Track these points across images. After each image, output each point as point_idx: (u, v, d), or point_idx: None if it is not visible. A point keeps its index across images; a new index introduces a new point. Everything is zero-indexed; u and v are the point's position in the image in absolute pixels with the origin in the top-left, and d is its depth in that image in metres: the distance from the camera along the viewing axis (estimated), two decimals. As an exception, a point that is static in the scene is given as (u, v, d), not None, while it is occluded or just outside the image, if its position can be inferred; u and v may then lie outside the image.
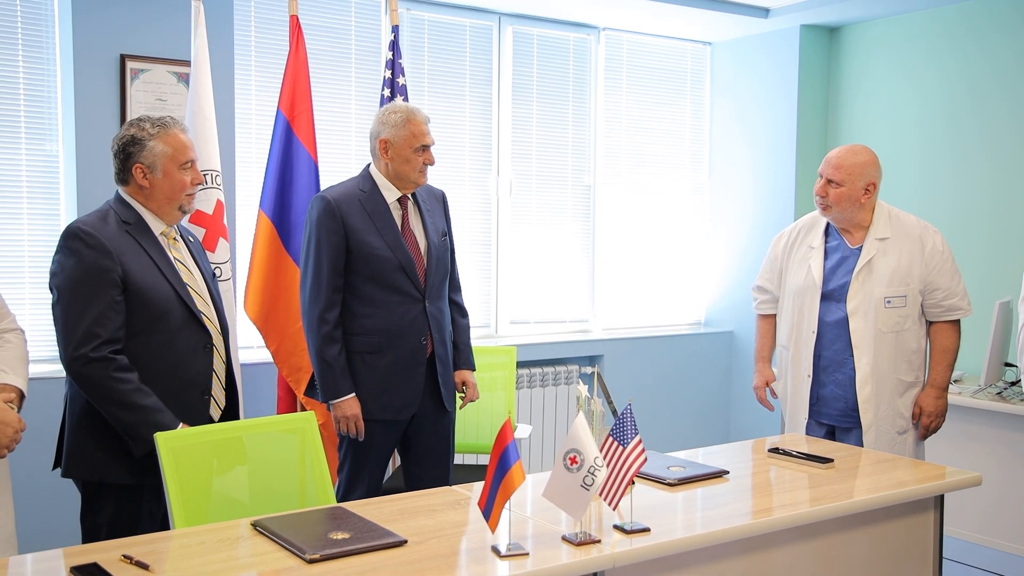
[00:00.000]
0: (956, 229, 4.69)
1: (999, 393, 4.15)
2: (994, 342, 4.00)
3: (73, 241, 2.50)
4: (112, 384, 2.43)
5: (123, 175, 2.62)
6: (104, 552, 1.98)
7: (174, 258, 2.65)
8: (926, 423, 3.31)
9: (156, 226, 2.64)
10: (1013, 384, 4.18)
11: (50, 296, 3.76)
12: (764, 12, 5.15)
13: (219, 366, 2.70)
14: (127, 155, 2.59)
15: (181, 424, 2.48)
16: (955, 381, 4.40)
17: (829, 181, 3.25)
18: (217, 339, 2.69)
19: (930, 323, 3.34)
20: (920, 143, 5.01)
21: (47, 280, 3.76)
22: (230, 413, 2.76)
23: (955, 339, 3.32)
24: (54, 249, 3.76)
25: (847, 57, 5.36)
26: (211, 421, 2.65)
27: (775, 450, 2.92)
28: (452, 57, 4.90)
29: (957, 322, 3.32)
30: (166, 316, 2.56)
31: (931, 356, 3.34)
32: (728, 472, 2.67)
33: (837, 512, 2.44)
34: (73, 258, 2.48)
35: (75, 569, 1.87)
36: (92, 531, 2.56)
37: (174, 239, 2.69)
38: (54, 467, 2.65)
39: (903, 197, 4.70)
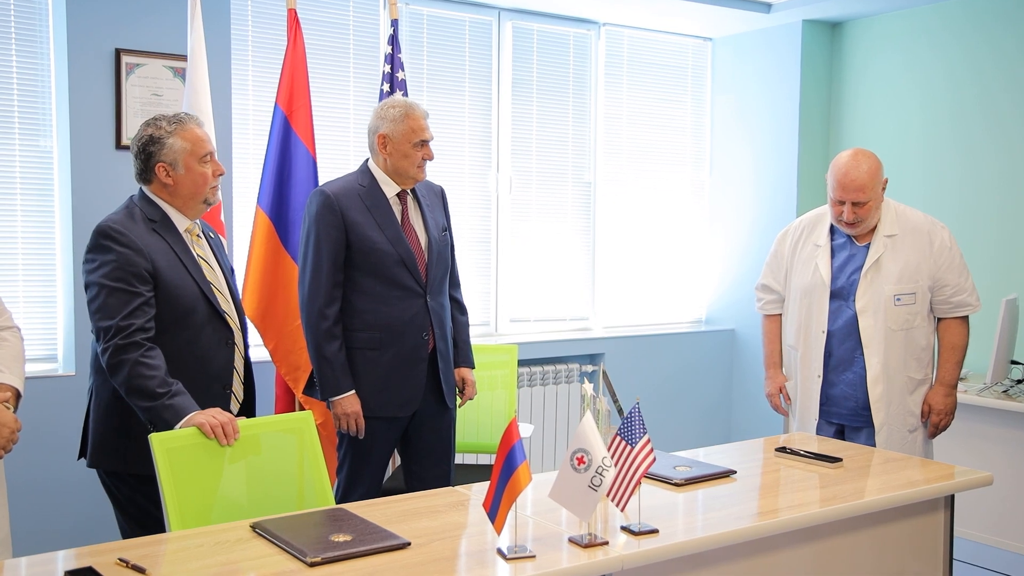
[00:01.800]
0: (962, 226, 4.64)
1: (1005, 391, 4.11)
2: (1000, 340, 3.96)
3: (105, 239, 2.53)
4: (137, 370, 2.44)
5: (146, 174, 2.65)
6: (99, 555, 1.93)
7: (197, 255, 2.68)
8: (935, 421, 3.28)
9: (180, 223, 2.67)
10: (1019, 382, 4.14)
11: (47, 296, 3.81)
12: (766, 7, 5.11)
13: (239, 361, 2.74)
14: (148, 155, 2.63)
15: (196, 410, 2.47)
16: (961, 379, 4.35)
17: (854, 203, 3.17)
18: (237, 335, 2.73)
19: (939, 320, 3.30)
20: (925, 139, 4.97)
21: (44, 278, 3.80)
22: (247, 407, 2.80)
23: (964, 336, 3.28)
24: (48, 246, 3.79)
25: (850, 53, 5.32)
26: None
27: (783, 449, 2.88)
28: (451, 52, 4.85)
29: (966, 318, 3.28)
30: (192, 313, 2.60)
31: (940, 353, 3.30)
32: (735, 472, 2.63)
33: (847, 513, 2.40)
34: (107, 255, 2.52)
35: (70, 573, 1.82)
36: (129, 523, 2.59)
37: (197, 236, 2.73)
38: (79, 457, 2.68)
39: (908, 194, 4.66)
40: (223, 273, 2.77)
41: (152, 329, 2.52)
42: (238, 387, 2.74)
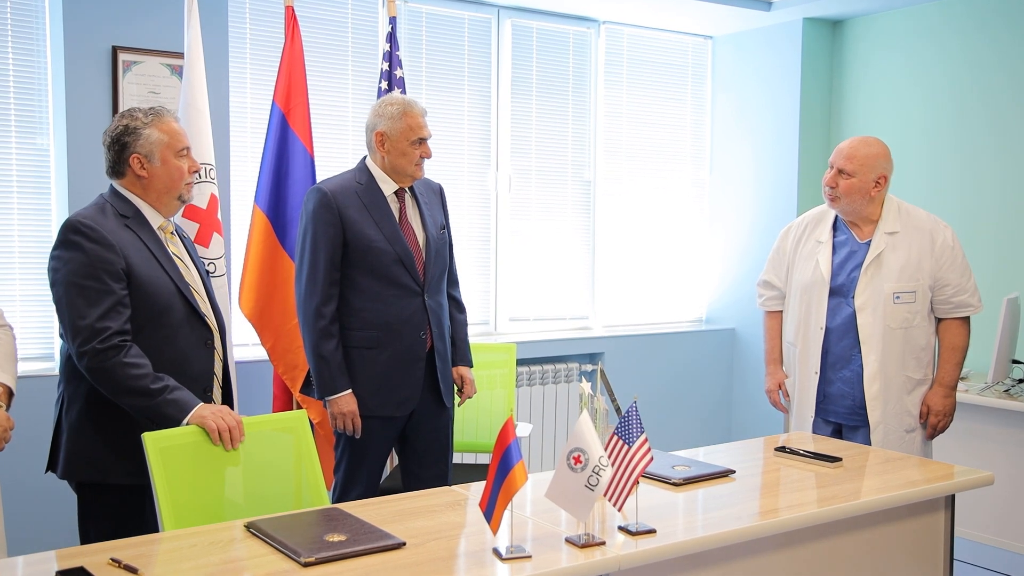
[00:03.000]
0: (963, 224, 4.62)
1: (1007, 391, 4.09)
2: (1002, 338, 3.94)
3: (74, 235, 2.41)
4: (125, 371, 2.36)
5: (118, 167, 2.54)
6: (91, 555, 1.92)
7: (172, 253, 2.59)
8: (933, 422, 3.26)
9: (154, 219, 2.57)
10: (1021, 381, 4.12)
11: (44, 295, 3.79)
12: (766, 5, 5.09)
13: (218, 365, 2.65)
14: (122, 146, 2.52)
15: (200, 403, 2.42)
16: (962, 379, 4.33)
17: (840, 171, 3.19)
18: (216, 337, 2.64)
19: (939, 320, 3.28)
20: (926, 137, 4.95)
21: (41, 276, 3.78)
22: None
23: (964, 336, 3.26)
24: (45, 244, 3.77)
25: (850, 51, 5.30)
26: None
27: (782, 449, 2.86)
28: (450, 50, 4.84)
29: (967, 319, 3.26)
30: (168, 312, 2.50)
31: (940, 354, 3.28)
32: (734, 471, 2.61)
33: (846, 513, 2.38)
34: (75, 252, 2.40)
35: (61, 573, 1.81)
36: (94, 535, 2.48)
37: (171, 233, 2.64)
38: (47, 469, 2.58)
39: (909, 192, 4.63)
40: (199, 272, 2.68)
41: (130, 332, 2.42)
42: (217, 391, 2.65)
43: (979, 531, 4.10)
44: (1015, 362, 4.15)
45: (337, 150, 4.44)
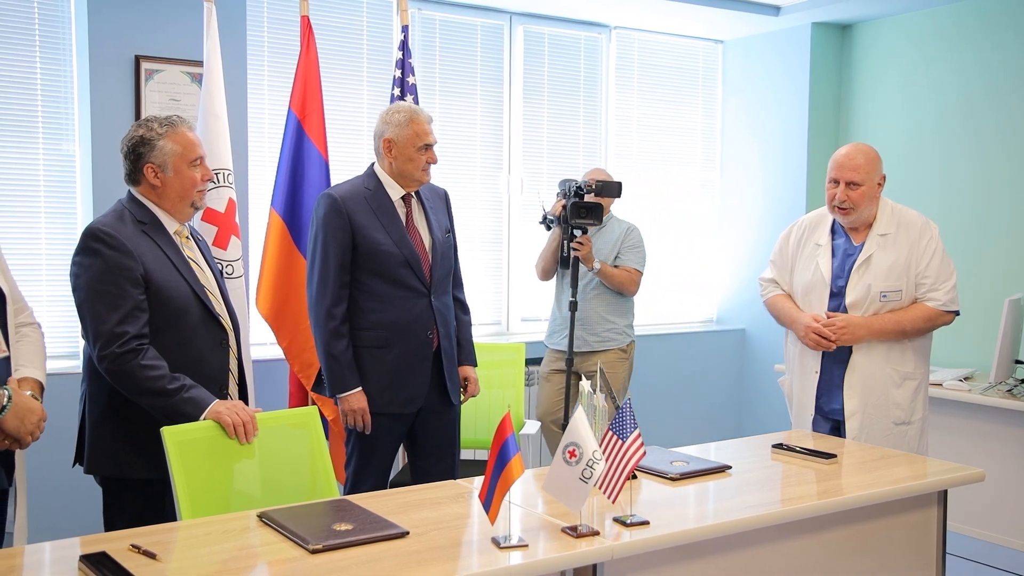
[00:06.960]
0: (971, 227, 4.68)
1: (1009, 391, 4.13)
2: (1004, 339, 3.99)
3: (94, 242, 2.51)
4: (143, 373, 2.46)
5: (134, 175, 2.64)
6: (113, 542, 2.02)
7: (188, 257, 2.68)
8: (826, 327, 3.22)
9: (170, 225, 2.66)
10: (1023, 381, 4.16)
11: (70, 295, 3.89)
12: (775, 10, 5.15)
13: (233, 363, 2.75)
14: (137, 155, 2.61)
15: (216, 399, 2.52)
16: (966, 379, 4.39)
17: (848, 184, 3.24)
18: (231, 336, 2.73)
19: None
20: (934, 140, 4.99)
21: (66, 279, 3.87)
22: None
23: (920, 318, 3.23)
24: (71, 247, 3.88)
25: (858, 55, 5.35)
26: None
27: (779, 446, 2.93)
28: (463, 56, 4.93)
29: (932, 310, 3.25)
30: (184, 314, 2.59)
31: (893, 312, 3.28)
32: (731, 467, 2.68)
33: (839, 507, 2.44)
34: (95, 259, 2.50)
35: (84, 558, 1.91)
36: (117, 526, 2.54)
37: (187, 237, 2.72)
38: (74, 464, 2.69)
39: (917, 194, 4.68)
40: (213, 275, 2.77)
41: (147, 336, 2.51)
42: (233, 389, 2.75)
43: (976, 527, 4.13)
44: (1017, 362, 4.19)
45: (352, 155, 4.54)
